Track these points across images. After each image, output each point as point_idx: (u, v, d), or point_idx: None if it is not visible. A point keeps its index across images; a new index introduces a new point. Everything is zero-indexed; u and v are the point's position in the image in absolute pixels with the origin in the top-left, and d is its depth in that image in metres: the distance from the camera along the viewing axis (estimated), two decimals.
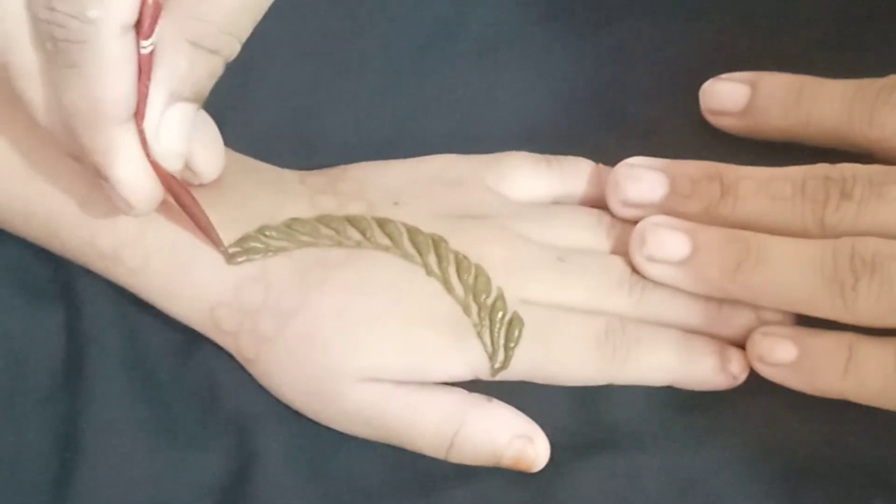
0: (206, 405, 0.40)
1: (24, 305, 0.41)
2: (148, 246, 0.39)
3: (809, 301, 0.38)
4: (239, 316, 0.39)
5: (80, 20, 0.32)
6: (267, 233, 0.39)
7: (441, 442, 0.39)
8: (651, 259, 0.40)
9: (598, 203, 0.42)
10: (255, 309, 0.39)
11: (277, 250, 0.39)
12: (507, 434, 0.39)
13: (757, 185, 0.40)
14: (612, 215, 0.42)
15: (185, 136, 0.35)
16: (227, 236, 0.39)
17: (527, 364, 0.39)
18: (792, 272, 0.38)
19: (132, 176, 0.35)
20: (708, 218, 0.40)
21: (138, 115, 0.34)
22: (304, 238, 0.39)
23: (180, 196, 0.37)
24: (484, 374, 0.39)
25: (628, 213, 0.41)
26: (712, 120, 0.44)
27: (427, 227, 0.39)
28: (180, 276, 0.39)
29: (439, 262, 0.39)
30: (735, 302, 0.40)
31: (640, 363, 0.39)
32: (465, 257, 0.39)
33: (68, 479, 0.39)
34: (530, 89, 0.45)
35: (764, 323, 0.40)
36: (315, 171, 0.42)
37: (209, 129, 0.39)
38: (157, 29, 0.33)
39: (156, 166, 0.35)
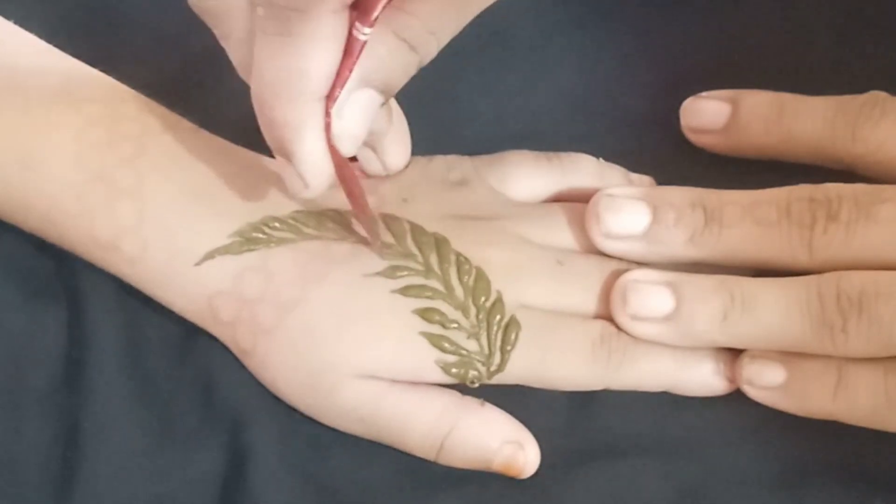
0: (202, 402, 0.40)
1: (25, 303, 0.41)
2: (146, 234, 0.39)
3: (799, 344, 0.38)
4: (237, 305, 0.39)
5: None
6: (271, 224, 0.39)
7: (431, 444, 0.39)
8: (635, 318, 0.39)
9: None
10: (254, 299, 0.39)
11: (280, 242, 0.39)
12: (497, 439, 0.38)
13: (741, 211, 0.39)
14: None
15: (365, 122, 0.35)
16: (232, 226, 0.39)
17: (523, 368, 0.39)
18: (779, 318, 0.38)
19: (314, 153, 0.35)
20: (694, 247, 0.40)
21: (330, 96, 0.34)
22: (308, 231, 0.39)
23: (349, 183, 0.37)
24: (479, 376, 0.39)
25: (612, 245, 0.40)
26: (693, 138, 0.44)
27: (431, 226, 0.40)
28: (179, 264, 0.39)
29: (440, 262, 0.39)
30: None
31: (636, 368, 0.39)
32: (466, 259, 0.39)
33: (69, 477, 0.38)
34: (531, 87, 0.46)
35: None
36: None
37: (401, 125, 0.40)
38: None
39: (332, 149, 0.35)
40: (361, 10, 0.33)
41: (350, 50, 0.33)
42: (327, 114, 0.34)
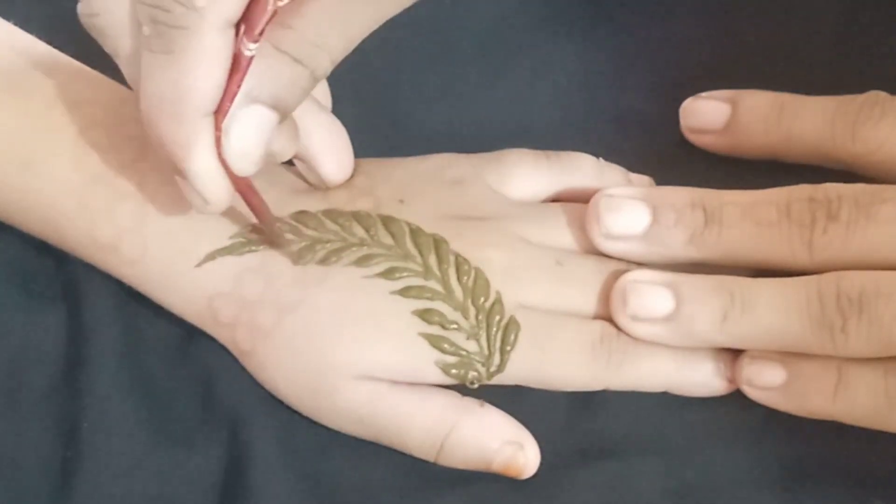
0: (202, 402, 0.40)
1: (25, 303, 0.41)
2: (147, 235, 0.39)
3: (799, 344, 0.38)
4: (237, 307, 0.39)
5: (186, 6, 0.32)
6: None
7: (431, 445, 0.39)
8: (635, 318, 0.39)
9: None
10: (253, 301, 0.39)
11: None
12: (497, 440, 0.39)
13: (741, 211, 0.39)
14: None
15: (258, 140, 0.34)
16: (232, 228, 0.39)
17: (522, 368, 0.39)
18: (779, 318, 0.38)
19: (206, 170, 0.34)
20: (694, 247, 0.40)
21: (220, 112, 0.34)
22: (309, 232, 0.39)
23: (248, 196, 0.37)
24: (479, 377, 0.39)
25: (611, 246, 0.40)
26: (693, 139, 0.44)
27: (429, 227, 0.40)
28: (179, 265, 0.39)
29: (439, 263, 0.39)
30: None
31: (636, 369, 0.39)
32: (465, 260, 0.39)
33: (69, 476, 0.39)
34: (530, 87, 0.46)
35: None
36: None
37: (340, 137, 0.40)
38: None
39: (225, 165, 0.35)
40: (248, 25, 0.33)
41: (237, 66, 0.33)
42: (217, 128, 0.34)
